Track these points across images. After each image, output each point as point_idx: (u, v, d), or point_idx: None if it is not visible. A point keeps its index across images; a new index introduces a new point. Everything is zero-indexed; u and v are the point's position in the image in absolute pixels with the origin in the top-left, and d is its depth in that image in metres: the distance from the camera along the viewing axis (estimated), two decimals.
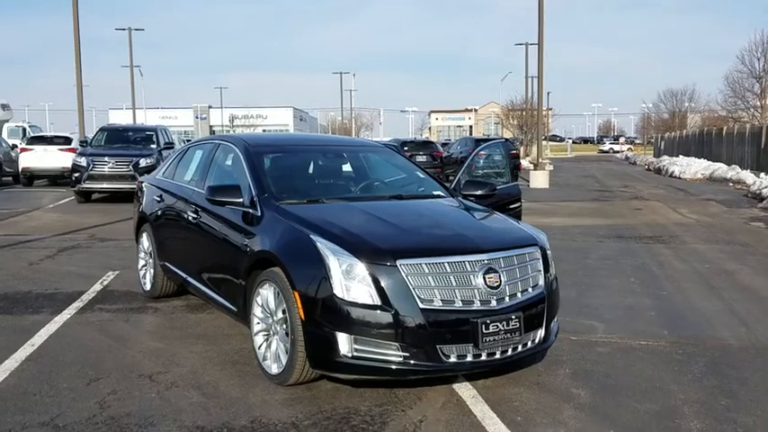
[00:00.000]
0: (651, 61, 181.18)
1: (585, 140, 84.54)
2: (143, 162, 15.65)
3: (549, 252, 4.50)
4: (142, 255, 6.73)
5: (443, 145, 35.35)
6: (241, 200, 4.73)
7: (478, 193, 5.49)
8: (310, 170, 5.59)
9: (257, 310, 4.47)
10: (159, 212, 6.24)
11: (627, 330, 5.47)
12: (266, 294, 4.36)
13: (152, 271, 6.46)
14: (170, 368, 4.60)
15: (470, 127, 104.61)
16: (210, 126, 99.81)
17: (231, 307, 4.86)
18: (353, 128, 75.13)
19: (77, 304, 6.31)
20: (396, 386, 4.18)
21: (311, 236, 4.09)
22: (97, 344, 5.17)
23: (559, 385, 4.30)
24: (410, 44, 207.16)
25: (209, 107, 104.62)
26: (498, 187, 5.86)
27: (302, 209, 4.59)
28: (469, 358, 3.88)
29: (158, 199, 6.29)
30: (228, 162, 5.54)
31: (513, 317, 3.98)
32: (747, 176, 22.31)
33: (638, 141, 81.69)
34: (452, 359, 3.85)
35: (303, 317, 3.94)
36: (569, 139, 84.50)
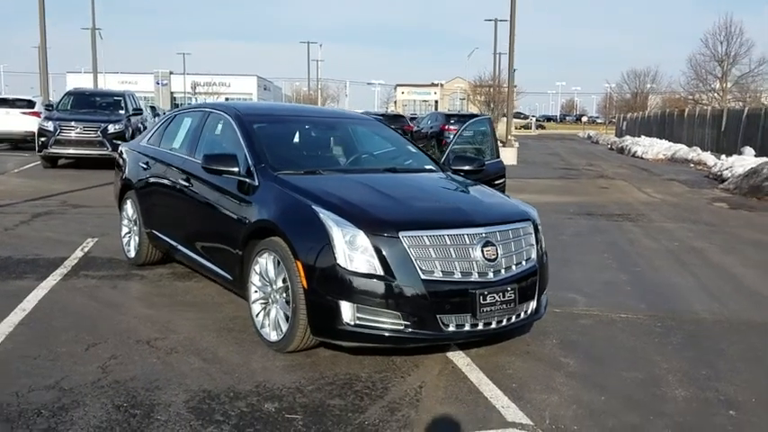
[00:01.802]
0: (615, 43, 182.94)
1: (549, 119, 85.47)
2: (112, 128, 15.38)
3: (539, 227, 4.65)
4: (125, 222, 6.71)
5: (412, 119, 35.41)
6: (237, 169, 4.76)
7: (468, 168, 5.61)
8: (304, 141, 5.63)
9: (255, 279, 4.54)
10: (146, 180, 6.22)
11: (606, 304, 5.69)
12: (265, 263, 4.43)
13: (137, 238, 6.45)
14: (167, 334, 4.65)
15: (436, 102, 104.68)
16: (171, 93, 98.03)
17: (226, 275, 4.92)
18: (319, 99, 74.49)
19: (61, 270, 6.29)
20: (393, 354, 4.31)
21: (313, 206, 4.16)
22: (88, 310, 5.19)
23: (548, 354, 4.49)
24: (377, 16, 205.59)
25: (171, 73, 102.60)
26: (486, 163, 5.99)
27: (301, 179, 4.65)
28: (467, 327, 4.03)
29: (145, 166, 6.26)
30: (220, 131, 5.55)
31: (509, 288, 4.13)
32: (708, 158, 22.90)
33: (599, 121, 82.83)
34: (451, 328, 3.99)
35: (306, 286, 4.03)
36: (533, 116, 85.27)
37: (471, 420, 3.49)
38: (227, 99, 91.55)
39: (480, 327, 4.06)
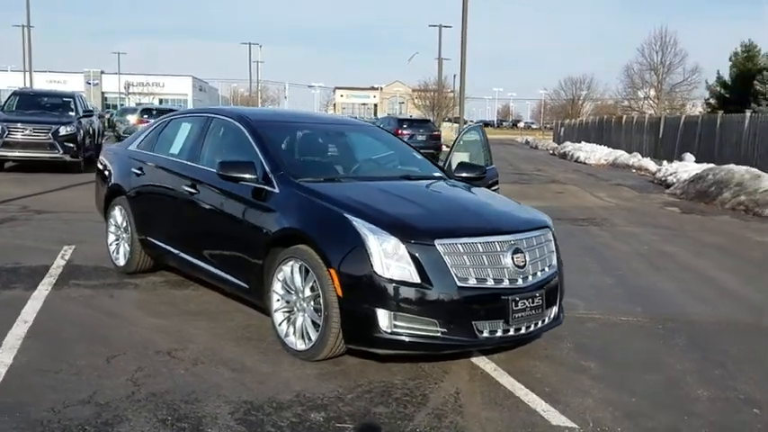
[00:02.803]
0: (550, 50, 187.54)
1: (486, 124, 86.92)
2: (63, 130, 14.88)
3: (554, 234, 4.78)
4: (113, 229, 6.54)
5: None
6: (255, 176, 4.72)
7: (470, 175, 5.71)
8: (314, 147, 5.62)
9: (277, 287, 4.51)
10: (140, 187, 6.07)
11: (604, 307, 5.87)
12: (290, 271, 4.41)
13: (127, 246, 6.30)
14: (185, 345, 4.56)
15: (375, 105, 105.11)
16: (103, 93, 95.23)
17: (240, 283, 4.86)
18: (259, 101, 73.71)
19: (49, 279, 6.07)
20: (418, 360, 4.35)
21: (346, 215, 4.17)
22: (92, 320, 5.04)
23: (567, 358, 4.61)
24: (316, 19, 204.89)
25: (102, 72, 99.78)
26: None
27: (324, 187, 4.65)
28: (499, 333, 4.11)
29: (138, 172, 6.12)
30: (227, 137, 5.49)
31: (537, 294, 4.24)
32: (648, 163, 23.78)
33: (534, 126, 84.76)
34: (485, 334, 4.07)
35: (340, 294, 4.03)
36: (471, 121, 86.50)
37: (518, 425, 3.57)
38: (161, 101, 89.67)
39: (511, 332, 4.15)
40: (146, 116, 21.66)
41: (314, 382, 4.02)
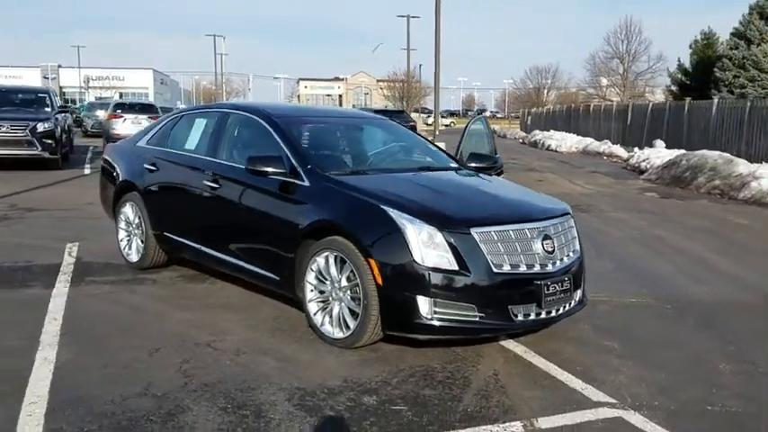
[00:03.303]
0: (515, 41, 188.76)
1: (452, 113, 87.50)
2: (41, 127, 14.63)
3: (575, 220, 4.99)
4: (123, 226, 6.57)
5: None
6: (284, 170, 4.82)
7: (482, 165, 5.89)
8: (336, 141, 5.72)
9: (311, 278, 4.62)
10: (155, 182, 6.11)
11: (611, 290, 6.09)
12: (324, 262, 4.53)
13: (139, 242, 6.35)
14: (221, 336, 4.66)
15: (340, 96, 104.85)
16: (61, 87, 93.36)
17: (272, 276, 4.95)
18: (224, 93, 73.02)
19: (64, 277, 6.09)
20: (453, 345, 4.51)
21: (382, 206, 4.30)
22: (121, 315, 5.10)
23: (589, 339, 4.82)
24: (279, 10, 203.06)
25: (59, 67, 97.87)
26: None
27: (353, 180, 4.77)
28: (532, 316, 4.30)
29: (151, 168, 6.16)
30: (248, 132, 5.58)
31: (566, 279, 4.43)
32: (619, 150, 24.30)
33: (499, 116, 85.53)
34: (519, 318, 4.25)
35: (381, 283, 4.17)
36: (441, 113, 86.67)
37: (562, 402, 3.75)
38: (121, 95, 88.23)
39: (543, 315, 4.34)
40: (119, 111, 21.38)
41: (357, 369, 4.15)
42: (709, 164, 14.99)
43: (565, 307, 4.49)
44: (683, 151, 17.71)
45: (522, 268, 4.26)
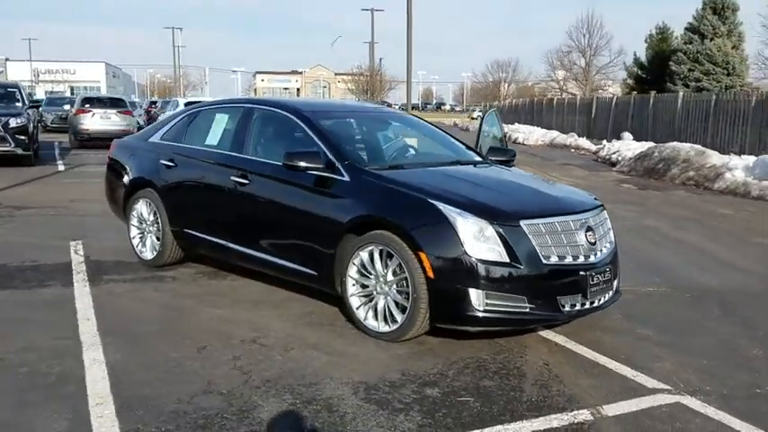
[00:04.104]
0: (476, 35, 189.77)
1: (413, 107, 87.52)
2: (14, 122, 14.23)
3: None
4: (136, 223, 6.47)
5: None
6: (323, 165, 4.83)
7: (503, 158, 5.98)
8: (365, 136, 5.72)
9: (353, 273, 4.64)
10: (173, 178, 6.03)
11: (628, 279, 6.13)
12: (367, 257, 4.55)
13: (154, 239, 6.27)
14: (264, 333, 4.65)
15: (297, 90, 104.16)
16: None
17: (309, 271, 4.94)
18: (181, 87, 71.82)
19: (80, 276, 5.98)
20: (495, 336, 4.59)
21: (430, 200, 4.35)
22: (154, 313, 5.05)
23: (623, 328, 4.95)
24: (236, 0, 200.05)
25: (6, 60, 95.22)
26: None
27: (393, 174, 4.80)
28: (578, 307, 4.40)
29: (169, 164, 6.08)
30: (278, 128, 5.56)
31: (607, 269, 4.55)
32: (585, 143, 24.76)
33: (458, 109, 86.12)
34: (567, 308, 4.34)
35: (432, 276, 4.21)
36: (395, 105, 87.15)
37: (619, 390, 3.86)
38: (72, 89, 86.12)
39: (587, 305, 4.45)
40: (87, 105, 20.85)
41: (410, 362, 4.20)
42: (681, 156, 15.41)
43: (606, 297, 4.61)
44: (652, 144, 18.15)
45: (569, 259, 4.35)
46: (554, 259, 4.29)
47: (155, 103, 36.80)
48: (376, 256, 4.51)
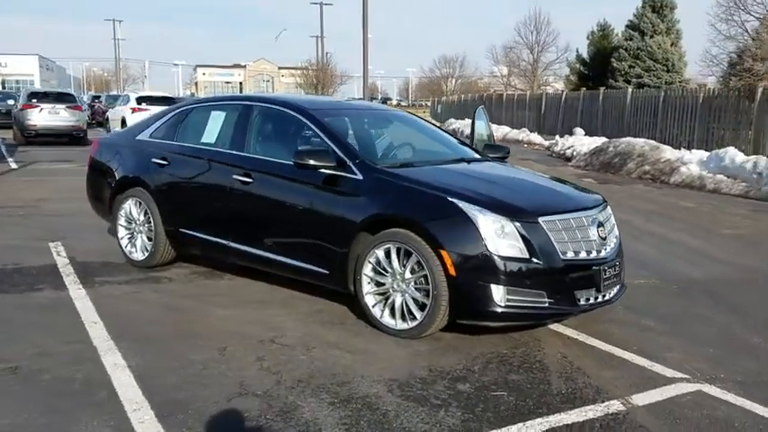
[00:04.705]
0: (419, 29, 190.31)
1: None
2: None
3: None
4: (124, 223, 6.33)
5: None
6: (334, 163, 4.83)
7: (498, 155, 6.08)
8: (370, 134, 5.72)
9: (368, 271, 4.66)
10: (167, 177, 5.92)
11: None
12: (383, 255, 4.58)
13: (145, 239, 6.16)
14: (280, 332, 4.63)
15: (240, 84, 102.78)
16: None
17: (319, 270, 4.93)
18: (120, 81, 69.96)
19: (70, 279, 5.82)
20: (508, 331, 4.69)
21: (450, 198, 4.40)
22: (162, 315, 4.97)
23: (627, 319, 5.11)
24: None
25: None
26: None
27: (406, 172, 4.83)
28: (591, 300, 4.53)
29: (162, 162, 5.96)
30: (281, 126, 5.54)
31: (617, 263, 4.70)
32: (537, 138, 25.26)
33: (403, 104, 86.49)
34: (582, 302, 4.47)
35: (454, 273, 4.27)
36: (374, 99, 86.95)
37: (641, 380, 4.00)
38: (3, 82, 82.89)
39: (600, 299, 4.58)
40: (34, 100, 20.12)
41: (434, 358, 4.25)
42: (636, 150, 15.89)
43: (615, 290, 4.75)
44: (606, 139, 18.65)
45: (583, 255, 4.47)
46: (570, 255, 4.40)
47: (98, 97, 35.84)
48: (393, 253, 4.54)
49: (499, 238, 4.26)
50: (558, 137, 22.54)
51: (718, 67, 27.80)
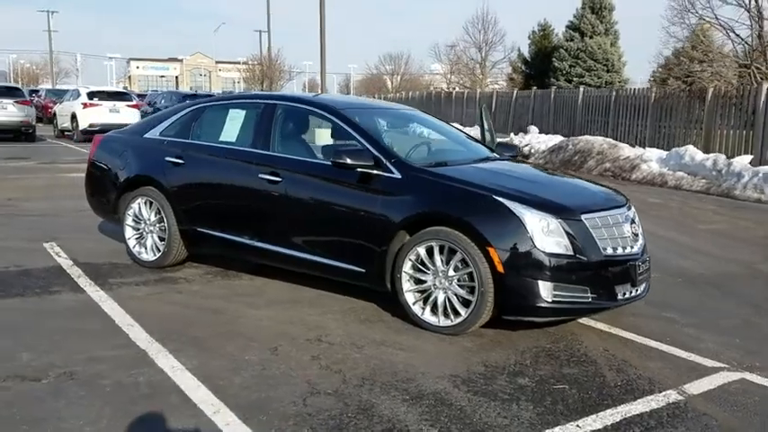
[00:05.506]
0: (363, 25, 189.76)
1: None
2: None
3: None
4: (131, 223, 6.21)
5: (140, 96, 32.30)
6: (371, 163, 4.87)
7: (511, 154, 6.21)
8: (398, 134, 5.78)
9: (407, 268, 4.72)
10: (184, 176, 5.83)
11: None
12: (425, 252, 4.64)
13: (156, 239, 6.06)
14: (324, 332, 4.64)
15: (176, 78, 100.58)
16: None
17: (354, 269, 4.96)
18: (52, 75, 67.44)
19: (83, 281, 5.69)
20: (544, 326, 4.82)
21: (495, 197, 4.50)
22: (196, 316, 4.91)
23: (648, 312, 5.30)
24: None
25: None
26: None
27: (446, 171, 4.92)
28: (628, 295, 4.70)
29: (177, 161, 5.87)
30: (308, 125, 5.52)
31: (647, 258, 4.89)
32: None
33: None
34: (620, 296, 4.64)
35: (502, 270, 4.37)
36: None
37: (685, 370, 4.17)
38: None
39: (634, 293, 4.76)
40: None
41: (484, 353, 4.35)
42: (596, 148, 16.37)
43: (645, 285, 4.94)
44: (561, 137, 19.14)
45: (620, 250, 4.64)
46: (609, 251, 4.56)
47: (36, 92, 34.52)
48: (436, 251, 4.61)
49: (545, 235, 4.38)
50: (512, 134, 22.97)
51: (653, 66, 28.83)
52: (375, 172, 4.87)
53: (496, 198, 4.50)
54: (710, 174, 12.88)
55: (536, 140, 20.02)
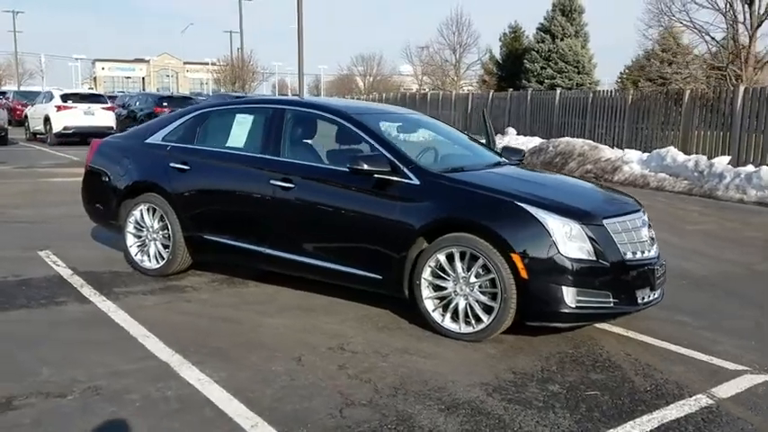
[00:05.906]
0: (334, 26, 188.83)
1: None
2: None
3: None
4: (133, 230, 6.08)
5: (111, 98, 31.96)
6: (388, 168, 4.83)
7: (517, 158, 6.21)
8: (412, 139, 5.73)
9: (427, 275, 4.69)
10: (192, 182, 5.72)
11: None
12: (445, 259, 4.62)
13: (159, 246, 5.95)
14: (345, 340, 4.59)
15: (143, 79, 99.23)
16: None
17: (372, 276, 4.90)
18: (17, 76, 65.98)
19: (88, 290, 5.55)
20: (561, 331, 4.83)
21: (517, 203, 4.50)
22: (211, 326, 4.82)
23: (660, 315, 5.32)
24: None
25: None
26: None
27: (464, 176, 4.90)
28: (647, 299, 4.73)
29: (182, 167, 5.76)
30: (320, 131, 5.45)
31: (663, 262, 4.93)
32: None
33: None
34: (640, 300, 4.66)
35: (526, 276, 4.37)
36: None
37: (710, 373, 4.21)
38: None
39: (652, 297, 4.79)
40: None
41: (510, 360, 4.33)
42: (577, 150, 16.53)
43: (662, 289, 4.98)
44: (539, 139, 19.28)
45: (639, 255, 4.67)
46: (629, 255, 4.59)
47: (3, 93, 33.72)
48: (456, 258, 4.58)
49: (569, 240, 4.39)
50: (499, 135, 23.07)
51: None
52: (393, 178, 4.83)
53: (518, 204, 4.49)
54: (692, 175, 13.08)
55: (515, 142, 20.11)
